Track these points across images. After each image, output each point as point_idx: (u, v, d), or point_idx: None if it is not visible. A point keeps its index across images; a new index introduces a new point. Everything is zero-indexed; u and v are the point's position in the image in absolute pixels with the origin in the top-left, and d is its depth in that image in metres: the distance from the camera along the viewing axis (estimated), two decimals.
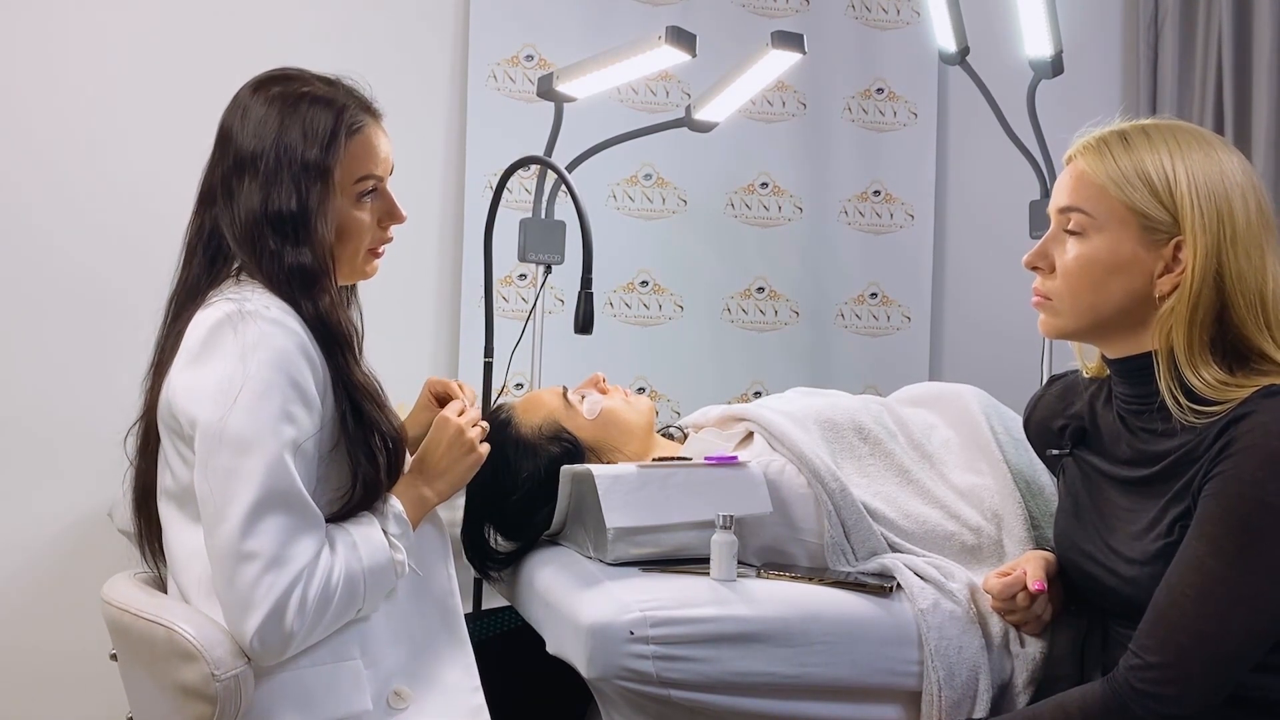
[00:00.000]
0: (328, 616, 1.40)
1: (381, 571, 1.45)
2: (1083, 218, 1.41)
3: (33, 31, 2.69)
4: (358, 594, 1.42)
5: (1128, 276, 1.39)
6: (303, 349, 1.41)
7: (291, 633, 1.36)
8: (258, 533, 1.34)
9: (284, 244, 1.45)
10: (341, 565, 1.40)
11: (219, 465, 1.36)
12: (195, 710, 1.37)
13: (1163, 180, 1.36)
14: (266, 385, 1.37)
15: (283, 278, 1.45)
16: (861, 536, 1.74)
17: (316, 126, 1.47)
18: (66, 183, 2.71)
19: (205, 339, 1.41)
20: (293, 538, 1.36)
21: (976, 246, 3.31)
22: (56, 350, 2.70)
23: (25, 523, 2.68)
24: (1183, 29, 3.22)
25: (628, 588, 1.59)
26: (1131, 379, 1.44)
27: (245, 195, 1.46)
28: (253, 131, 1.48)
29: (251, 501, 1.34)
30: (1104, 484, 1.48)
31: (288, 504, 1.37)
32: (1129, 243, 1.38)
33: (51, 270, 2.70)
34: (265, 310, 1.41)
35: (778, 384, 2.92)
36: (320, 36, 2.84)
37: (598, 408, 1.92)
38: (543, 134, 2.47)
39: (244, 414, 1.35)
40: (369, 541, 1.45)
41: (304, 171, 1.46)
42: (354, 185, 1.51)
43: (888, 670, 1.59)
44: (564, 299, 2.91)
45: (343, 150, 1.48)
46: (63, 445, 2.70)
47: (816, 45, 2.64)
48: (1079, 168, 1.43)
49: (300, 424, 1.39)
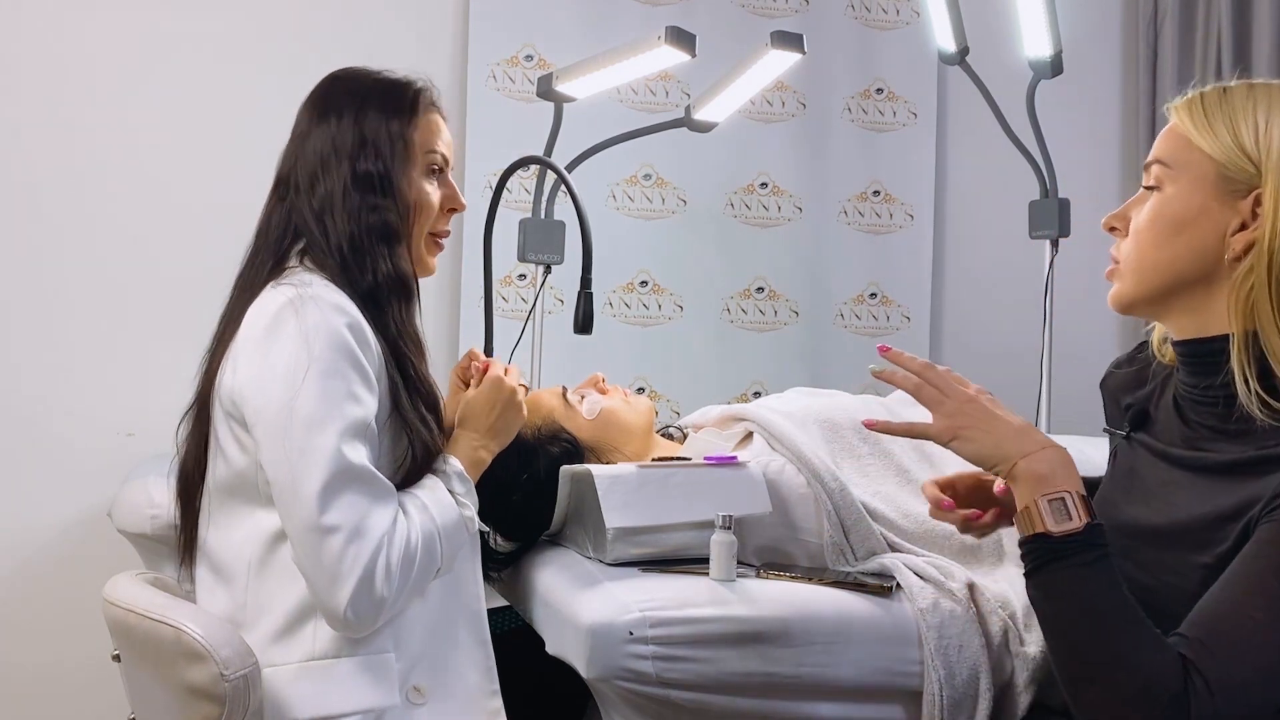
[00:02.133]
0: (412, 578, 1.45)
1: (454, 528, 1.52)
2: (1161, 169, 1.30)
3: (37, 32, 2.69)
4: (435, 553, 1.48)
5: (1197, 233, 1.26)
6: (360, 331, 1.46)
7: (382, 598, 1.40)
8: (336, 507, 1.38)
9: (372, 199, 1.53)
10: (417, 527, 1.46)
11: (292, 445, 1.39)
12: (203, 710, 1.37)
13: (1251, 128, 1.24)
14: (332, 366, 1.42)
15: (362, 231, 1.52)
16: (861, 536, 1.74)
17: (398, 100, 1.58)
18: (69, 183, 2.71)
19: (269, 324, 1.45)
20: (369, 509, 1.41)
21: (976, 247, 3.31)
22: (57, 350, 2.70)
23: (25, 523, 2.68)
24: (1182, 29, 3.22)
25: (627, 588, 1.59)
26: (1197, 366, 1.30)
27: (333, 168, 1.54)
28: (334, 112, 1.56)
29: (326, 478, 1.38)
30: (1158, 462, 1.35)
31: (360, 478, 1.41)
32: (1202, 194, 1.26)
33: (52, 270, 2.70)
34: (325, 294, 1.46)
35: (777, 384, 2.92)
36: (320, 36, 2.84)
37: (597, 408, 1.92)
38: (542, 134, 2.47)
39: (312, 394, 1.40)
40: (438, 502, 1.51)
41: (390, 137, 1.55)
42: (426, 156, 1.59)
43: (887, 670, 1.59)
44: (564, 299, 2.91)
45: (420, 120, 1.58)
46: (63, 445, 2.69)
47: (816, 45, 2.64)
48: (1171, 124, 1.32)
49: (365, 403, 1.44)
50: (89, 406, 2.70)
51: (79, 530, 2.68)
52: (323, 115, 1.57)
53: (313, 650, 1.45)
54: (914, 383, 1.33)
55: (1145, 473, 1.36)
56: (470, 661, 1.57)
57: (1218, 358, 1.26)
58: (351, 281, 1.51)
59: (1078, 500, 1.23)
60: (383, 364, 1.50)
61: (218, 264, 1.65)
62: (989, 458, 1.29)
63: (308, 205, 1.54)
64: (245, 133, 2.79)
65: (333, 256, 1.52)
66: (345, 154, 1.54)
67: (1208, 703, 1.14)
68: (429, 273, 1.65)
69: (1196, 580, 1.23)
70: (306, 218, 1.54)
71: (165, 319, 2.72)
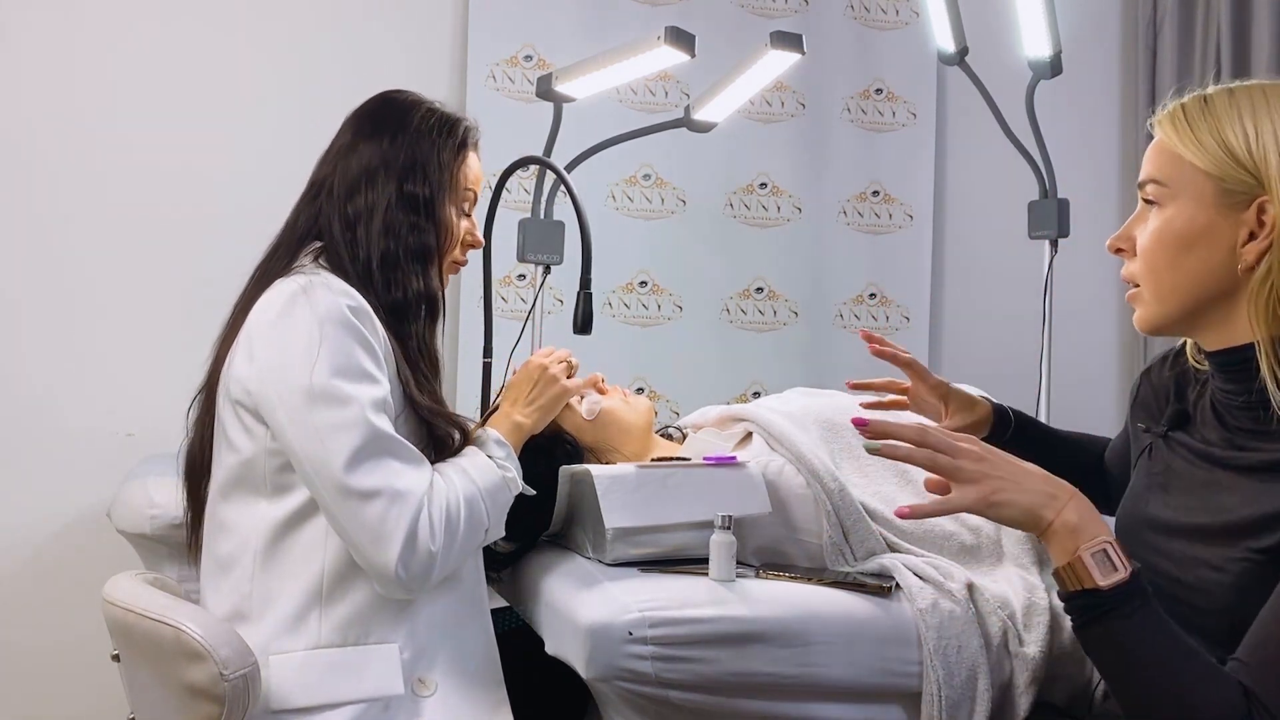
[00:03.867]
0: (459, 536, 1.49)
1: (497, 490, 1.56)
2: (1158, 188, 1.28)
3: (46, 33, 2.69)
4: (479, 512, 1.53)
5: (1206, 249, 1.25)
6: (365, 315, 1.49)
7: (431, 554, 1.45)
8: (371, 472, 1.42)
9: (416, 219, 1.59)
10: (457, 488, 1.51)
11: (317, 422, 1.42)
12: (203, 710, 1.37)
13: (1241, 138, 1.23)
14: (346, 345, 1.46)
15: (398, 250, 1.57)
16: (860, 536, 1.74)
17: (451, 133, 1.66)
18: (71, 184, 2.71)
19: (281, 309, 1.48)
20: (403, 471, 1.45)
21: (975, 247, 3.31)
22: (57, 350, 2.70)
23: (25, 523, 2.68)
24: (1181, 29, 3.22)
25: (626, 588, 1.59)
26: (1231, 374, 1.29)
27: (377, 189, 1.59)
28: (388, 127, 1.62)
29: (356, 447, 1.42)
30: (1199, 462, 1.33)
31: (389, 446, 1.45)
32: (1205, 210, 1.24)
33: (52, 270, 2.70)
34: (333, 282, 1.50)
35: (777, 384, 2.92)
36: (320, 36, 2.84)
37: (596, 408, 1.92)
38: (542, 134, 2.47)
39: (330, 371, 1.43)
40: (476, 466, 1.56)
41: (440, 165, 1.63)
42: (465, 191, 1.67)
43: (887, 670, 1.59)
44: (563, 299, 2.91)
45: (466, 156, 1.68)
46: (63, 445, 2.70)
47: (815, 46, 2.64)
48: (1156, 138, 1.30)
49: (380, 382, 1.48)
50: (89, 406, 2.70)
51: (79, 530, 2.68)
52: (375, 131, 1.62)
53: (318, 639, 1.47)
54: (925, 455, 1.27)
55: (1185, 472, 1.34)
56: (475, 654, 1.59)
57: (1249, 365, 1.25)
58: (373, 293, 1.55)
59: (1117, 548, 1.20)
60: (391, 357, 1.53)
61: (219, 264, 1.66)
62: (1028, 521, 1.23)
63: (339, 213, 1.59)
64: (248, 134, 2.79)
65: (354, 266, 1.56)
66: (395, 172, 1.60)
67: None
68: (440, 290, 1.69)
69: (1235, 572, 1.22)
70: (334, 224, 1.58)
71: (166, 319, 2.72)
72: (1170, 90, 1.47)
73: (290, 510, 1.49)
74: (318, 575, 1.48)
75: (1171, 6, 3.23)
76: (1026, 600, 1.66)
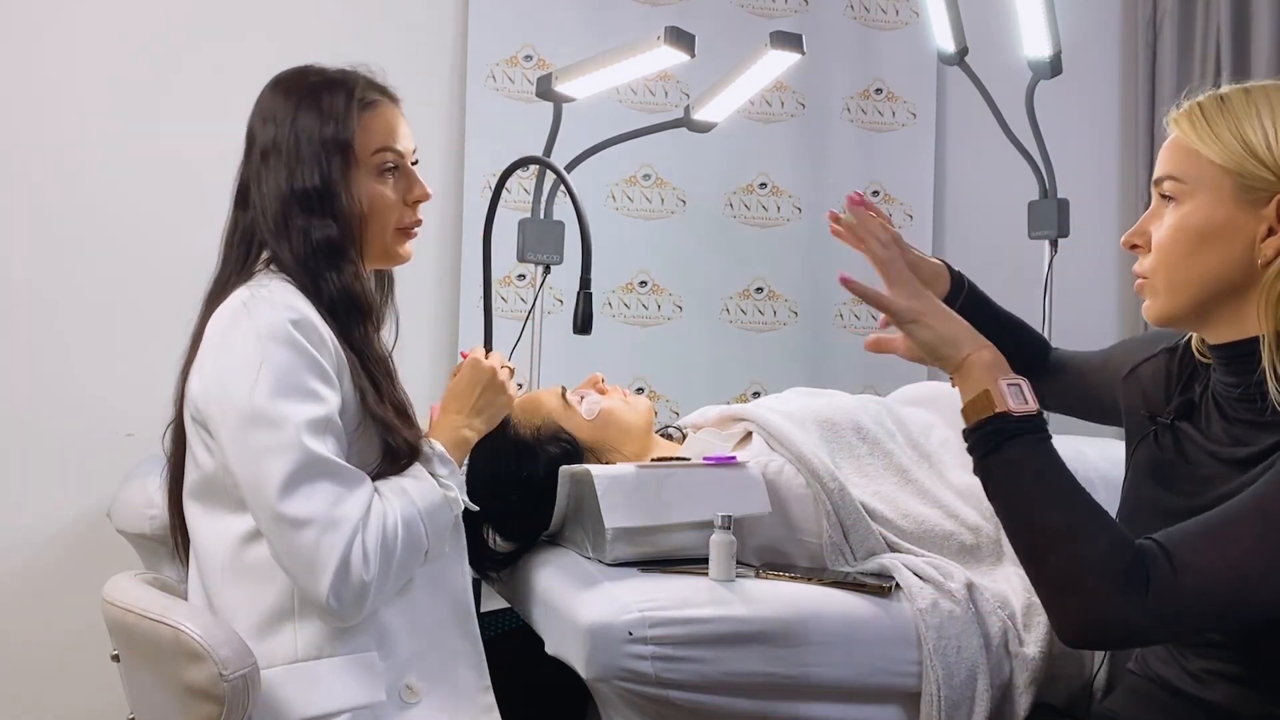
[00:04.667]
0: (395, 562, 1.43)
1: (437, 510, 1.50)
2: (1175, 184, 1.29)
3: (37, 33, 2.69)
4: (417, 534, 1.47)
5: (1224, 244, 1.26)
6: (311, 329, 1.45)
7: (364, 583, 1.40)
8: (304, 499, 1.38)
9: (311, 219, 1.51)
10: (395, 510, 1.45)
11: (254, 444, 1.39)
12: (202, 710, 1.37)
13: (1260, 135, 1.24)
14: (286, 363, 1.41)
15: (309, 252, 1.50)
16: (860, 536, 1.74)
17: (332, 104, 1.53)
18: (70, 183, 2.71)
19: (225, 327, 1.45)
20: (340, 498, 1.40)
21: (975, 247, 3.30)
22: (57, 350, 2.70)
23: (25, 523, 2.68)
24: (1181, 29, 3.22)
25: (626, 588, 1.59)
26: (1233, 366, 1.31)
27: (272, 182, 1.52)
28: (272, 122, 1.54)
29: (290, 471, 1.38)
30: (1204, 458, 1.35)
31: (326, 469, 1.40)
32: (1224, 205, 1.26)
33: (51, 270, 2.70)
34: (278, 295, 1.46)
35: (776, 384, 2.92)
36: (319, 36, 2.83)
37: (596, 408, 1.92)
38: (542, 134, 2.47)
39: (269, 392, 1.39)
40: (418, 484, 1.49)
41: (323, 147, 1.52)
42: (373, 158, 1.56)
43: (886, 670, 1.59)
44: (563, 299, 2.91)
45: (357, 123, 1.54)
46: (63, 445, 2.69)
47: (815, 45, 2.64)
48: (1173, 135, 1.32)
49: (324, 399, 1.43)
50: (89, 406, 2.70)
51: (79, 530, 2.68)
52: (264, 123, 1.55)
53: (295, 653, 1.45)
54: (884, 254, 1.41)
55: (1192, 461, 1.36)
56: (461, 658, 1.56)
57: (1252, 358, 1.27)
58: (315, 293, 1.50)
59: (1030, 388, 1.27)
60: (345, 367, 1.49)
61: None
62: (943, 344, 1.32)
63: (264, 219, 1.53)
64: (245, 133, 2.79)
65: (293, 268, 1.51)
66: (284, 166, 1.52)
67: (1168, 578, 1.15)
68: (403, 260, 1.63)
69: None
70: (264, 231, 1.53)
71: (166, 319, 2.70)
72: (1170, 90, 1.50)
73: (253, 525, 1.45)
74: (287, 589, 1.45)
75: (1171, 6, 3.23)
76: (1026, 600, 1.66)
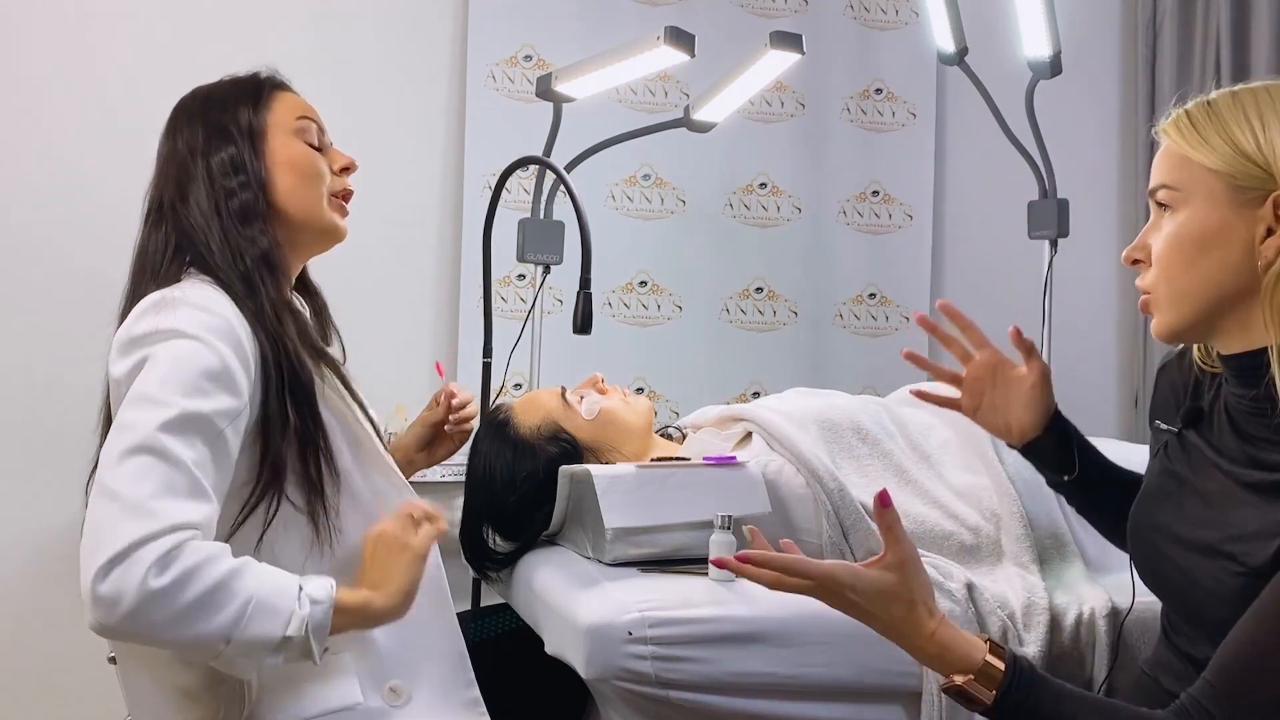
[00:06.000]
0: (181, 604, 1.20)
1: (267, 612, 1.24)
2: (1169, 193, 1.27)
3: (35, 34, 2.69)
4: (227, 608, 1.22)
5: (1223, 249, 1.23)
6: (226, 332, 1.37)
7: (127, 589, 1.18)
8: (131, 478, 1.23)
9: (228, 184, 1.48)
10: (228, 567, 1.23)
11: (118, 421, 1.30)
12: (196, 713, 1.37)
13: (1250, 135, 1.22)
14: (178, 358, 1.32)
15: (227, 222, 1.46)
16: (860, 536, 1.74)
17: (238, 92, 1.54)
18: (69, 181, 2.71)
19: (130, 325, 1.40)
20: (169, 493, 1.23)
21: (975, 247, 3.31)
22: (56, 350, 2.70)
23: (25, 523, 2.68)
24: (1181, 29, 3.22)
25: (626, 588, 1.59)
26: (1244, 378, 1.27)
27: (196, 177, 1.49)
28: (184, 124, 1.53)
29: (132, 446, 1.25)
30: (1213, 471, 1.31)
31: (170, 461, 1.25)
32: (1219, 210, 1.23)
33: (49, 269, 2.70)
34: (193, 296, 1.39)
35: (776, 384, 2.92)
36: (319, 37, 2.84)
37: (596, 408, 1.92)
38: (541, 134, 2.47)
39: (152, 380, 1.30)
40: (272, 576, 1.28)
41: (236, 125, 1.51)
42: (295, 123, 1.54)
43: (886, 670, 1.59)
44: (563, 299, 2.91)
45: (272, 104, 1.54)
46: (63, 445, 2.69)
47: (815, 46, 2.64)
48: (1164, 144, 1.30)
49: (212, 399, 1.31)
50: (89, 406, 2.70)
51: (79, 530, 2.67)
52: (174, 129, 1.54)
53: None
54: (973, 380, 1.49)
55: (1199, 477, 1.33)
56: (440, 652, 1.51)
57: (1261, 370, 1.24)
58: (233, 276, 1.44)
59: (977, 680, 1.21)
60: (259, 367, 1.39)
61: None
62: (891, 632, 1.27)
63: (185, 218, 1.48)
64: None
65: (214, 257, 1.45)
66: (199, 151, 1.50)
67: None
68: (340, 237, 1.58)
69: (1233, 588, 1.22)
70: (186, 230, 1.48)
71: None
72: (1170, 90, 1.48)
73: None
74: None
75: (1171, 6, 3.23)
76: (1026, 600, 1.66)
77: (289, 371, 1.41)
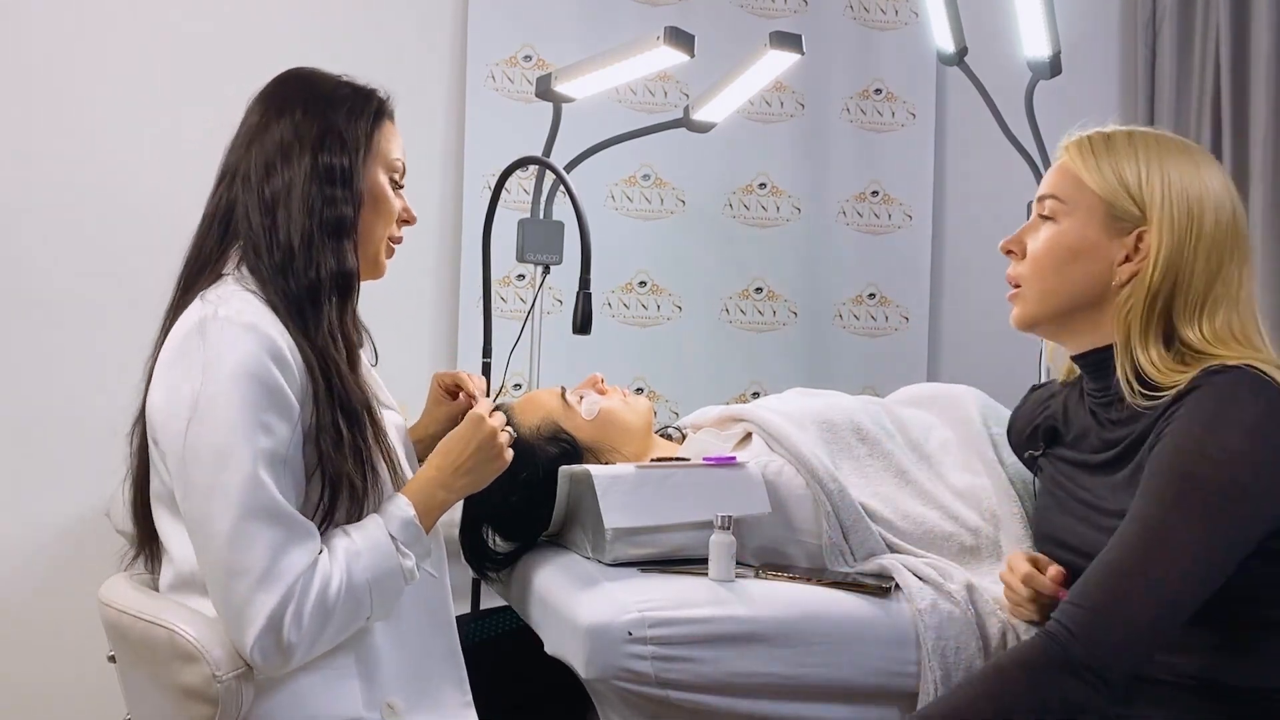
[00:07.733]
0: (330, 627, 1.37)
1: (388, 578, 1.41)
2: (1056, 204, 1.48)
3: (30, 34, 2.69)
4: (362, 602, 1.40)
5: (1089, 261, 1.45)
6: (276, 351, 1.37)
7: (291, 645, 1.34)
8: (245, 547, 1.32)
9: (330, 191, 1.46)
10: (341, 574, 1.37)
11: (198, 482, 1.34)
12: (196, 712, 1.36)
13: (1134, 175, 1.43)
14: (236, 395, 1.34)
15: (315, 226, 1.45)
16: (860, 537, 1.74)
17: (362, 102, 1.52)
18: (68, 182, 2.71)
19: (178, 346, 1.40)
20: (282, 550, 1.33)
21: (975, 247, 3.31)
22: (56, 349, 2.70)
23: (23, 523, 2.68)
24: (1180, 29, 3.22)
25: (626, 588, 1.59)
26: (1095, 372, 1.49)
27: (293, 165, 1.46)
28: (299, 108, 1.49)
29: (234, 517, 1.32)
30: (1078, 473, 1.51)
31: (272, 516, 1.33)
32: (1094, 229, 1.45)
33: (48, 270, 2.70)
34: (239, 315, 1.38)
35: (776, 384, 2.92)
36: (318, 36, 2.84)
37: (596, 408, 1.92)
38: (541, 134, 2.47)
39: (214, 427, 1.33)
40: (374, 548, 1.41)
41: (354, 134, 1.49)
42: (388, 161, 1.54)
43: (885, 671, 1.58)
44: (562, 299, 2.91)
45: (383, 126, 1.54)
46: (61, 445, 2.69)
47: (815, 46, 2.64)
48: (1062, 161, 1.51)
49: (276, 433, 1.35)
50: (88, 406, 2.70)
51: (78, 530, 2.68)
52: (285, 105, 1.50)
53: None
54: None
55: (1074, 484, 1.51)
56: (443, 675, 1.53)
57: (1109, 363, 1.45)
58: (289, 280, 1.43)
59: None
60: (307, 381, 1.40)
61: None
62: None
63: (258, 198, 1.46)
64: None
65: (275, 254, 1.44)
66: (309, 144, 1.47)
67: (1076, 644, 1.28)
68: (380, 274, 1.59)
69: None
70: (251, 213, 1.46)
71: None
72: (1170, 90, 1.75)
73: None
74: None
75: (1171, 6, 3.23)
76: None
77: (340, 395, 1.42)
